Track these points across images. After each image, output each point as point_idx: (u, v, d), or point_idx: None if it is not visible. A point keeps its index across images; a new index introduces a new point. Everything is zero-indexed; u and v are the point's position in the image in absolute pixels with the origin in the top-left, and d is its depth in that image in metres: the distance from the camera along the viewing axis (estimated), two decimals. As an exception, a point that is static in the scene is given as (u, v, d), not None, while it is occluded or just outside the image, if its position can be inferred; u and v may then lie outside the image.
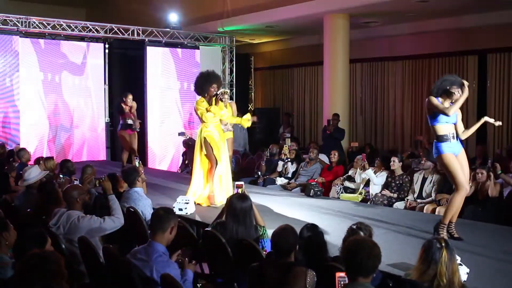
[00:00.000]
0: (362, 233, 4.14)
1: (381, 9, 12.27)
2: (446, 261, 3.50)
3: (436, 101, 5.81)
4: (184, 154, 14.11)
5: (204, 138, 7.93)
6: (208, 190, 8.02)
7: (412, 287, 3.35)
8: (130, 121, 11.39)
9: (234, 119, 8.57)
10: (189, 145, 13.71)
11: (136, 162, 8.94)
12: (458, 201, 5.80)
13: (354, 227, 4.26)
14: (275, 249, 3.96)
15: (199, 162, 8.09)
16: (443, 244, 3.56)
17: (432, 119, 5.87)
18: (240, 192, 5.71)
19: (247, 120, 8.36)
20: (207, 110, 7.92)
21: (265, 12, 13.72)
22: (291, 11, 13.14)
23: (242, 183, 6.05)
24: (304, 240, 4.19)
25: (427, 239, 3.76)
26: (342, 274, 3.42)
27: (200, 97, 8.14)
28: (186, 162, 13.70)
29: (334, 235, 5.19)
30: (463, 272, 4.13)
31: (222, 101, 8.07)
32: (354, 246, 3.30)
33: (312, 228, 4.30)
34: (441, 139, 5.84)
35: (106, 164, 12.67)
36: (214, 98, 8.01)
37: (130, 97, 11.52)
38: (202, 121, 8.05)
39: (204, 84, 8.07)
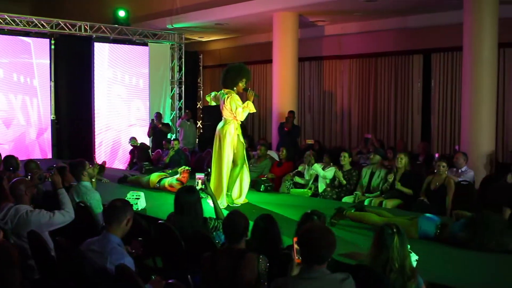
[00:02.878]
0: (316, 219, 4.21)
1: (329, 8, 12.47)
2: (397, 246, 3.59)
3: None
4: (131, 152, 13.94)
5: (238, 135, 7.81)
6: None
7: (365, 273, 3.42)
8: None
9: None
10: (135, 145, 13.57)
11: None
12: None
13: (309, 212, 4.33)
14: (226, 235, 3.97)
15: (227, 159, 7.78)
16: (394, 230, 3.66)
17: None
18: (193, 185, 5.74)
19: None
20: (243, 108, 7.72)
21: (215, 9, 13.74)
22: (241, 8, 13.19)
23: (202, 175, 6.08)
24: (259, 230, 4.22)
25: (379, 226, 3.84)
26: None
27: (230, 92, 7.90)
28: (134, 160, 13.56)
29: (287, 226, 5.25)
30: (413, 259, 4.25)
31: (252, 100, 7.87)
32: (309, 234, 3.29)
33: (266, 218, 4.34)
34: None
35: (53, 163, 12.37)
36: (248, 95, 7.86)
37: None
38: (234, 117, 7.77)
39: (236, 77, 7.93)
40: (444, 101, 13.20)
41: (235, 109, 7.69)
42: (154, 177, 9.20)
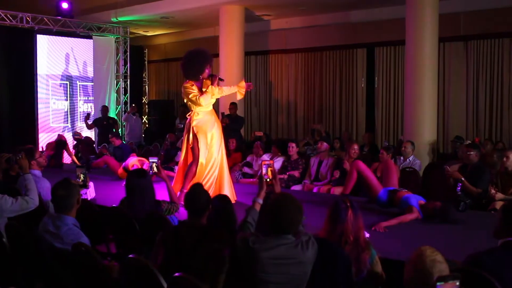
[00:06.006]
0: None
1: (274, 2, 12.60)
2: (351, 220, 3.72)
3: None
4: (75, 147, 13.70)
5: (193, 128, 7.10)
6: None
7: (321, 245, 3.49)
8: None
9: (226, 91, 7.33)
10: (79, 139, 13.35)
11: None
12: None
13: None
14: (188, 210, 3.96)
15: (185, 154, 7.32)
16: (348, 204, 3.78)
17: None
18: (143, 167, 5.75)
19: (242, 88, 7.35)
20: (203, 92, 7.02)
21: (160, 2, 13.67)
22: (187, 1, 13.19)
23: (156, 159, 6.06)
24: (216, 210, 4.26)
25: (333, 201, 3.94)
26: (268, 162, 3.94)
27: (187, 81, 7.16)
28: (79, 154, 13.33)
29: (239, 209, 5.33)
30: (364, 236, 4.39)
31: (218, 84, 7.17)
32: (278, 209, 3.30)
33: (222, 198, 4.40)
34: None
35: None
36: (211, 79, 7.11)
37: None
38: (196, 105, 7.10)
39: (203, 64, 7.06)
40: (387, 93, 13.55)
41: None
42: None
